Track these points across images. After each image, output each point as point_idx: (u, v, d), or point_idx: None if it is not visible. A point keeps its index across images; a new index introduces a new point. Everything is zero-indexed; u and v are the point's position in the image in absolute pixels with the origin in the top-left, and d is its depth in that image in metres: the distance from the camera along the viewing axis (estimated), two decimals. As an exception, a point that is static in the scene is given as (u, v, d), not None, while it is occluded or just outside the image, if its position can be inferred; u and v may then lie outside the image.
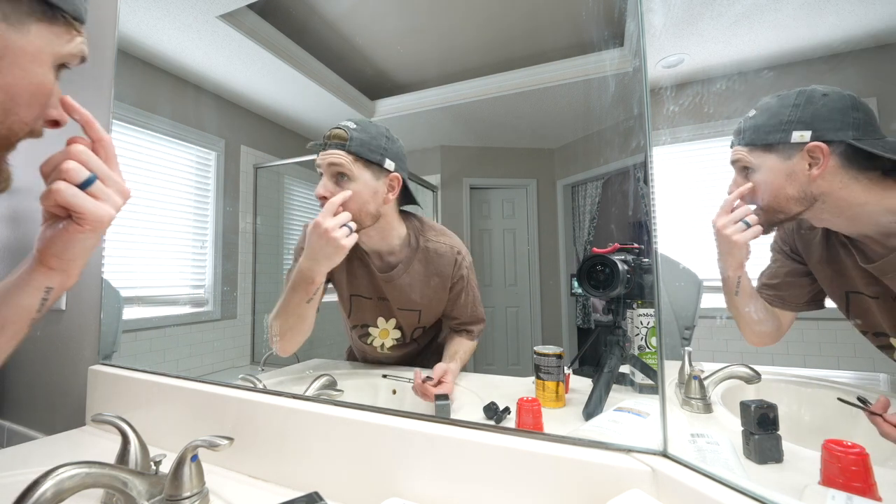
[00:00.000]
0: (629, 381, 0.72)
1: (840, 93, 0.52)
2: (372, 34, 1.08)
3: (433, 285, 0.89)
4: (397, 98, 1.05)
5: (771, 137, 0.56)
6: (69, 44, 0.43)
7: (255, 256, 1.22)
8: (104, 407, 0.98)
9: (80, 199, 0.42)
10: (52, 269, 0.44)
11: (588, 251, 0.85)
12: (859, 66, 0.54)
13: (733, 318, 0.63)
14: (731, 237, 0.58)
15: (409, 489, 0.61)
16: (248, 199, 1.24)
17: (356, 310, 0.95)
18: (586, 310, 0.86)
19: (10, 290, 0.44)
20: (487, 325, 0.94)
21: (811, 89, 0.54)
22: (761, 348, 0.62)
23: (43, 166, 0.44)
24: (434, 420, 0.64)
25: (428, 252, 0.89)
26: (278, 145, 1.26)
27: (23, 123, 0.42)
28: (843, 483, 0.41)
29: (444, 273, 0.88)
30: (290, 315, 0.84)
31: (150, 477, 0.62)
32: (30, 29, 0.39)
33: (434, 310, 0.92)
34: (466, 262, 0.89)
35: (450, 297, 0.90)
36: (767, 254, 0.64)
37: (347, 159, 0.78)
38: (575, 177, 0.89)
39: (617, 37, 0.77)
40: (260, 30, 1.18)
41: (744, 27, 0.63)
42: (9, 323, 0.45)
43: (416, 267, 0.89)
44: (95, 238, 0.45)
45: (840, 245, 0.57)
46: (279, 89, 1.23)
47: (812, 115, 0.53)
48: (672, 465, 0.50)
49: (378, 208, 0.83)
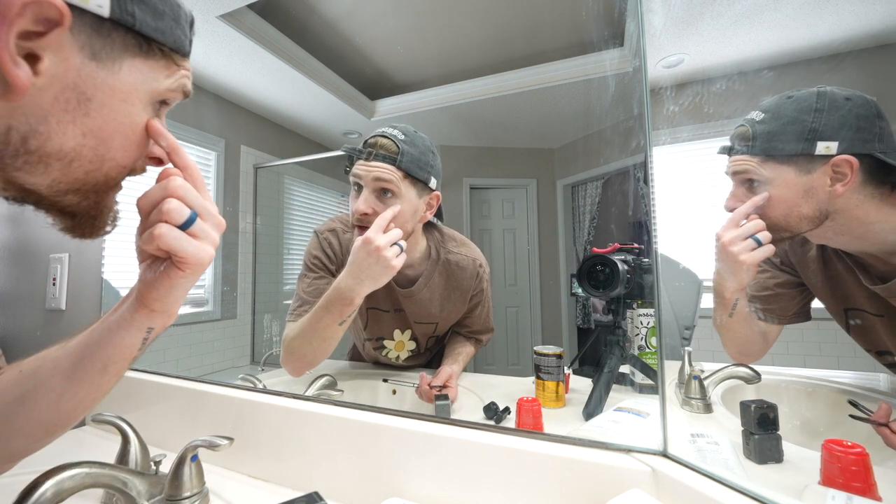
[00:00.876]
0: (629, 381, 0.72)
1: (863, 98, 0.47)
2: (372, 34, 1.08)
3: (453, 299, 0.86)
4: (397, 98, 1.05)
5: (790, 147, 0.49)
6: (168, 79, 0.40)
7: (255, 256, 1.22)
8: (104, 407, 0.98)
9: (182, 244, 0.38)
10: (154, 311, 0.42)
11: (588, 251, 0.85)
12: (859, 66, 0.54)
13: (719, 335, 0.57)
14: (739, 256, 0.51)
15: (410, 489, 0.61)
16: (248, 199, 1.24)
17: (373, 323, 0.90)
18: (586, 310, 0.86)
19: (113, 330, 0.43)
20: (487, 325, 0.94)
21: (830, 92, 0.48)
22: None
23: (140, 202, 0.41)
24: (434, 420, 0.64)
25: (449, 265, 0.85)
26: (278, 145, 1.26)
27: (120, 167, 0.40)
28: (843, 483, 0.41)
29: (465, 287, 0.85)
30: (315, 336, 0.76)
31: (150, 477, 0.61)
32: (122, 66, 0.35)
33: (450, 321, 0.90)
34: (486, 274, 0.87)
35: (468, 308, 0.88)
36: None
37: (397, 176, 0.71)
38: (575, 177, 0.89)
39: (617, 37, 0.77)
40: (260, 30, 1.18)
41: (744, 27, 0.63)
42: (112, 362, 0.44)
43: (437, 280, 0.85)
44: (196, 279, 0.42)
45: (838, 261, 0.53)
46: (279, 89, 1.23)
47: (839, 123, 0.46)
48: (672, 464, 0.50)
49: (414, 226, 0.77)
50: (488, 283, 0.88)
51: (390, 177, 0.71)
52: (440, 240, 0.87)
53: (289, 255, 1.22)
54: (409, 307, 0.86)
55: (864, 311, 0.52)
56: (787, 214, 0.50)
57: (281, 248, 1.23)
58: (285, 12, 1.16)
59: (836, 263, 0.53)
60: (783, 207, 0.50)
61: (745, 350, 0.58)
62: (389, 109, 1.06)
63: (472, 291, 0.86)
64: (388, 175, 0.71)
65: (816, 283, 0.56)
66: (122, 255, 1.18)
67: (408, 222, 0.74)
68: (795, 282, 0.57)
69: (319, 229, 0.86)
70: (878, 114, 0.46)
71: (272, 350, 1.15)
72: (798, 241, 0.55)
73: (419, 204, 0.75)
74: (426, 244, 0.85)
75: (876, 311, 0.50)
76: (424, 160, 0.74)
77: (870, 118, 0.46)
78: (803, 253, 0.56)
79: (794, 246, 0.57)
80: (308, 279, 0.84)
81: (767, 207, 0.51)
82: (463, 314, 0.89)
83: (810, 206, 0.49)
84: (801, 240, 0.54)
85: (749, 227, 0.51)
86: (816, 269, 0.55)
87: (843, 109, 0.47)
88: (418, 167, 0.73)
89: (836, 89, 0.48)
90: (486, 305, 0.89)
